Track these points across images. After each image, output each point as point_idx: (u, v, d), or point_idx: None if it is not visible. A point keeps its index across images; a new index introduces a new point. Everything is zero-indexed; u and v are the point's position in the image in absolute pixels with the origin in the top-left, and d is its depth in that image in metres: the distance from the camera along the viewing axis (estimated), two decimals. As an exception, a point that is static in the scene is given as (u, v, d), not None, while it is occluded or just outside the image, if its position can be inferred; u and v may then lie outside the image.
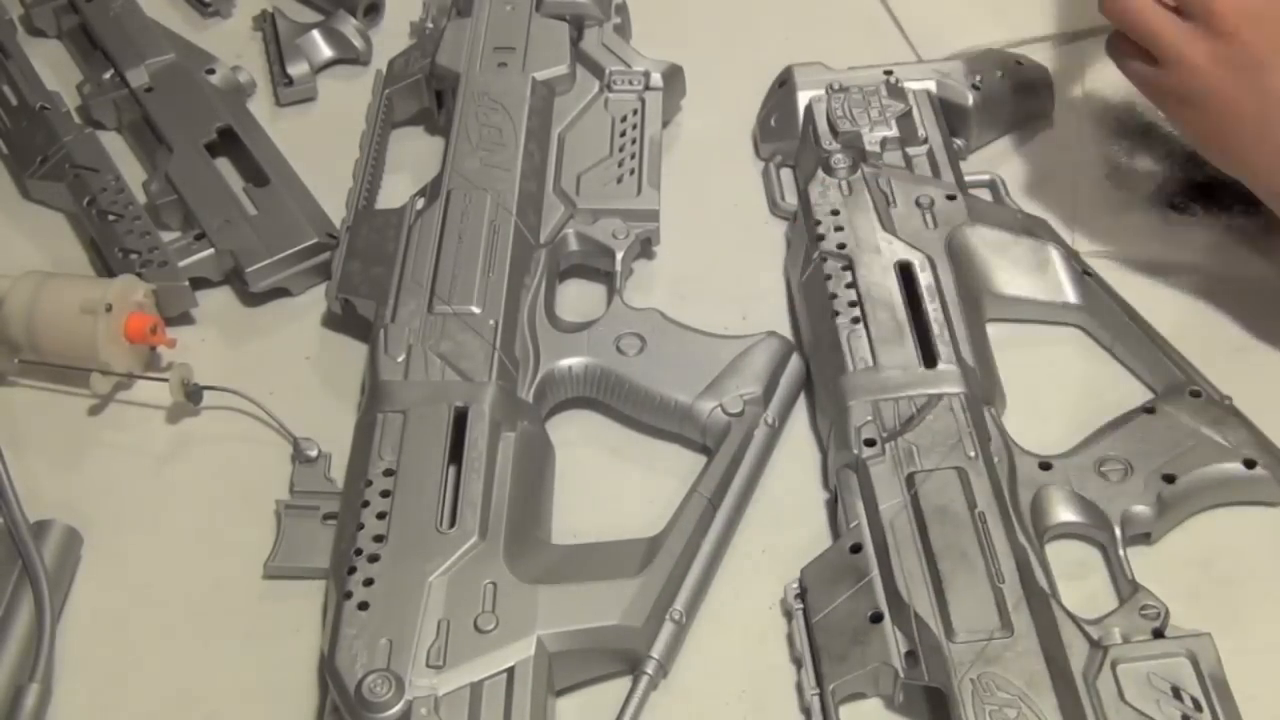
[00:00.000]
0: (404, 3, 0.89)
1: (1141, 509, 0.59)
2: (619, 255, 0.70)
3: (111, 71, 0.83)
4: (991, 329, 0.67)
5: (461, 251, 0.67)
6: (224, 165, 0.79)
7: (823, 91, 0.75)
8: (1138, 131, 0.78)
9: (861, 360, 0.63)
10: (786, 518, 0.63)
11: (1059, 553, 0.59)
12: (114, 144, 0.82)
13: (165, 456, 0.68)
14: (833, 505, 0.62)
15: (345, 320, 0.70)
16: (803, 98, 0.76)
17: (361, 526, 0.57)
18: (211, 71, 0.83)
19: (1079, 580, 0.58)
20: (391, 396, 0.62)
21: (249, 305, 0.73)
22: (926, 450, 0.59)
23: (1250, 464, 0.60)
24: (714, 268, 0.74)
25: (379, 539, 0.57)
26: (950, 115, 0.76)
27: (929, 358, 0.63)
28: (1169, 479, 0.59)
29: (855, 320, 0.64)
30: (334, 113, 0.83)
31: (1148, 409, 0.62)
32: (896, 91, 0.75)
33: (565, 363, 0.65)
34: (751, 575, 0.61)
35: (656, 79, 0.78)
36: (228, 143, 0.79)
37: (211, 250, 0.73)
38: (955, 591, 0.54)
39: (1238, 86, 0.62)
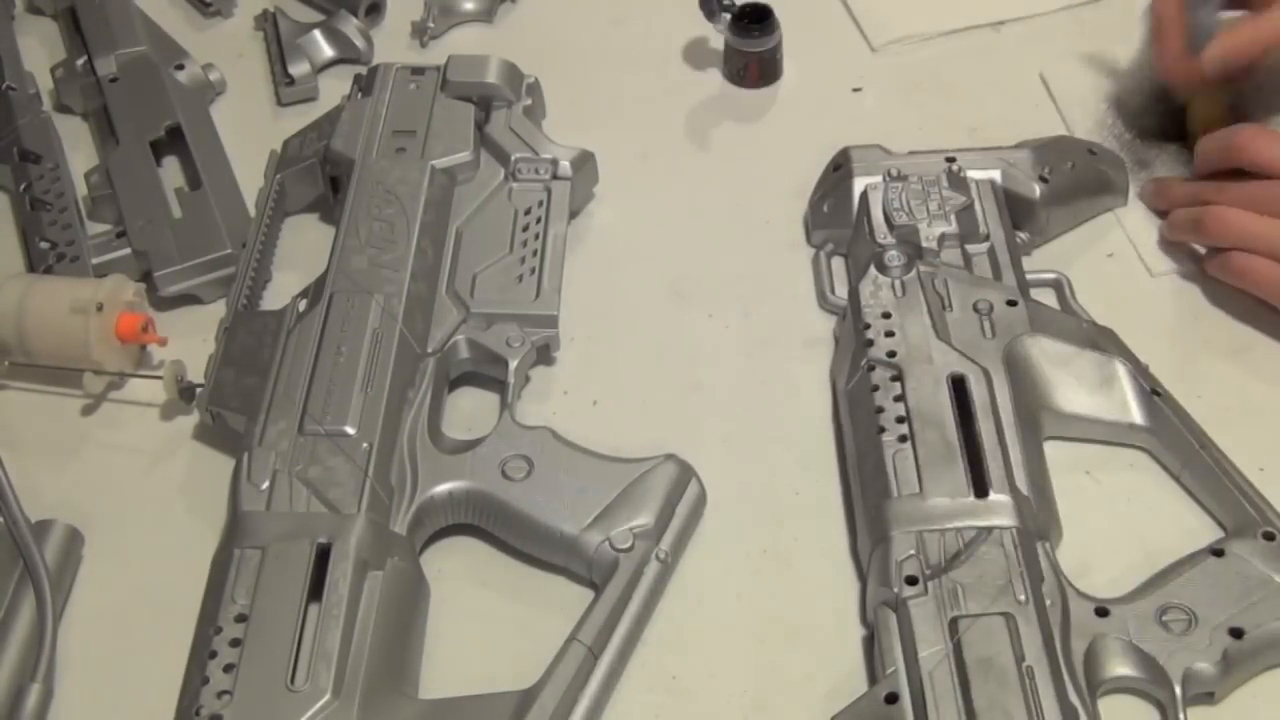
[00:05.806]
0: (404, 2, 0.89)
1: (1205, 666, 0.53)
2: (512, 365, 0.65)
3: (86, 57, 0.82)
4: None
5: (340, 365, 0.63)
6: (172, 165, 0.78)
7: (880, 178, 0.70)
8: None
9: (907, 485, 0.58)
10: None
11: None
12: (79, 131, 0.82)
13: (161, 455, 0.67)
14: (869, 642, 0.57)
15: (218, 434, 0.65)
16: (859, 184, 0.71)
17: (206, 681, 0.53)
18: (180, 68, 0.82)
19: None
20: (251, 530, 0.57)
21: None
22: (973, 590, 0.54)
23: None
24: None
25: (224, 695, 0.52)
26: (1015, 207, 0.71)
27: (980, 486, 0.58)
28: (1236, 633, 0.54)
29: (902, 439, 0.59)
30: (335, 112, 0.79)
31: (1216, 550, 0.57)
32: (959, 182, 0.70)
33: (445, 487, 0.60)
34: (752, 576, 0.60)
35: (565, 167, 0.73)
36: (177, 142, 0.78)
37: (129, 249, 0.72)
38: None
39: None
